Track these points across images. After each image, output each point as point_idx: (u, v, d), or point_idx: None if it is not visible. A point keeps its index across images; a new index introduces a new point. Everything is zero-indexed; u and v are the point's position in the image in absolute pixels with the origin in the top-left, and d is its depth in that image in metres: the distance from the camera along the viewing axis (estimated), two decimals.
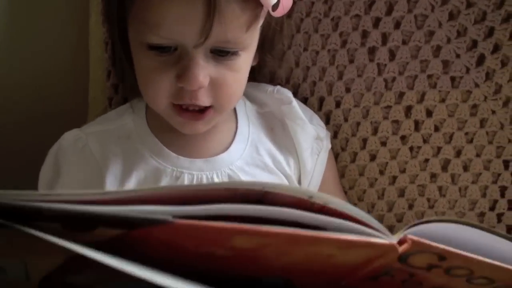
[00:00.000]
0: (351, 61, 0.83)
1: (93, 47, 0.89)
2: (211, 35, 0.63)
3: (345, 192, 0.88)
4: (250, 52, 0.71)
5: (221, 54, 0.67)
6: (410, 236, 0.41)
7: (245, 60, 0.70)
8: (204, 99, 0.69)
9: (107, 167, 0.74)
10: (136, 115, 0.78)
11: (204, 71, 0.66)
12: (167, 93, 0.69)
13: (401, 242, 0.41)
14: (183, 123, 0.72)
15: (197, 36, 0.63)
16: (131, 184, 0.74)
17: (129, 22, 0.69)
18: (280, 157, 0.79)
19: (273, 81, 0.87)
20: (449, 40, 0.78)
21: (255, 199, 0.38)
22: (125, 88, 0.87)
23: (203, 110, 0.71)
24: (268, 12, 0.67)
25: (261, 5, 0.65)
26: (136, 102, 0.80)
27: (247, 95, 0.82)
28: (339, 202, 0.39)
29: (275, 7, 0.65)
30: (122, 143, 0.76)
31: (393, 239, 0.41)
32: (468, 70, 0.78)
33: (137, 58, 0.70)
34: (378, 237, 0.40)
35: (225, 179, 0.75)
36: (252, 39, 0.69)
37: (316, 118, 0.84)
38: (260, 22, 0.69)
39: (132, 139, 0.76)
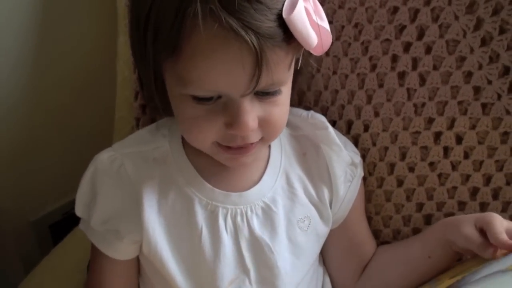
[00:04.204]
0: (381, 86, 0.82)
1: (121, 67, 0.90)
2: (259, 84, 0.62)
3: (371, 218, 0.87)
4: (289, 84, 0.70)
5: (265, 94, 0.66)
6: None
7: (287, 93, 0.70)
8: (254, 138, 0.69)
9: (143, 190, 0.73)
10: (172, 137, 0.77)
11: (253, 115, 0.65)
12: (214, 138, 0.68)
13: None
14: (230, 158, 0.71)
15: (245, 87, 0.62)
16: (167, 210, 0.74)
17: (166, 71, 0.67)
18: (310, 187, 0.79)
19: (301, 103, 0.87)
20: (480, 66, 0.77)
21: None
22: (153, 109, 0.86)
23: (248, 145, 0.70)
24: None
25: (301, 47, 0.64)
26: (169, 123, 0.79)
27: None
28: None
29: (316, 48, 0.65)
30: (158, 166, 0.75)
31: None
32: (499, 96, 0.77)
33: (178, 106, 0.69)
34: None
35: (259, 212, 0.75)
36: (291, 74, 0.69)
37: (350, 144, 0.83)
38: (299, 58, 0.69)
39: (168, 164, 0.76)
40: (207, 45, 0.60)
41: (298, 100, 0.87)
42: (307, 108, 0.83)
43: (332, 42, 0.82)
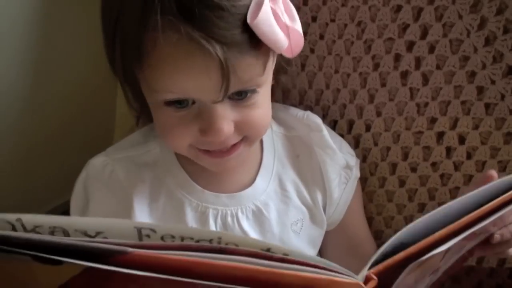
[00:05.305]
0: (383, 85, 0.81)
1: None
2: (228, 92, 0.61)
3: (373, 218, 0.86)
4: (267, 85, 0.68)
5: (240, 97, 0.64)
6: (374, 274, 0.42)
7: (264, 94, 0.68)
8: (232, 141, 0.67)
9: (135, 194, 0.73)
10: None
11: (227, 120, 0.64)
12: (191, 143, 0.67)
13: (366, 281, 0.42)
14: (214, 163, 0.70)
15: (216, 95, 0.61)
16: (158, 213, 0.73)
17: (140, 79, 0.65)
18: (304, 189, 0.78)
19: (302, 102, 0.86)
20: (484, 66, 0.76)
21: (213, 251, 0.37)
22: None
23: (230, 148, 0.68)
24: None
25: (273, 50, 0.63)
26: None
27: (275, 117, 0.81)
28: (300, 253, 0.39)
29: (286, 50, 0.63)
30: (148, 170, 0.75)
31: (358, 279, 0.41)
32: (503, 97, 0.77)
33: (154, 112, 0.68)
34: (343, 276, 0.40)
35: (250, 215, 0.74)
36: (268, 76, 0.67)
37: (346, 146, 0.83)
38: (274, 60, 0.68)
39: (158, 167, 0.75)
40: (170, 56, 0.59)
41: (299, 99, 0.87)
42: (308, 107, 0.82)
43: (335, 41, 0.82)
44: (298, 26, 0.64)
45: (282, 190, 0.77)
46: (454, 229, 0.47)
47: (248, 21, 0.58)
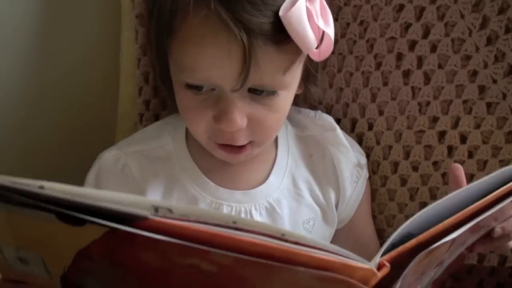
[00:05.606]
0: (385, 84, 0.82)
1: (124, 63, 0.89)
2: (248, 81, 0.61)
3: (374, 217, 0.86)
4: (290, 90, 0.69)
5: (259, 93, 0.65)
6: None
7: (285, 98, 0.68)
8: (241, 140, 0.68)
9: (148, 189, 0.73)
10: (176, 135, 0.77)
11: (242, 112, 0.65)
12: (206, 131, 0.68)
13: (379, 268, 0.42)
14: (224, 155, 0.71)
15: (234, 82, 0.62)
16: None
17: (169, 58, 0.68)
18: (316, 188, 0.78)
19: (305, 101, 0.86)
20: (486, 65, 0.77)
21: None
22: (157, 105, 0.86)
23: (241, 146, 0.70)
24: None
25: (301, 50, 0.63)
26: (175, 120, 0.79)
27: (289, 117, 0.81)
28: (312, 239, 0.39)
29: (314, 53, 0.64)
30: (161, 165, 0.75)
31: (371, 265, 0.41)
32: (504, 96, 0.77)
33: (177, 94, 0.69)
34: (357, 261, 0.41)
35: (263, 212, 0.74)
36: (292, 79, 0.67)
37: (356, 145, 0.83)
38: (301, 63, 0.68)
39: (171, 163, 0.75)
40: (196, 31, 0.60)
41: (303, 98, 0.87)
42: (312, 106, 0.83)
43: (338, 40, 0.83)
44: (331, 31, 0.64)
45: (295, 188, 0.77)
46: (463, 217, 0.48)
47: (280, 13, 0.59)
